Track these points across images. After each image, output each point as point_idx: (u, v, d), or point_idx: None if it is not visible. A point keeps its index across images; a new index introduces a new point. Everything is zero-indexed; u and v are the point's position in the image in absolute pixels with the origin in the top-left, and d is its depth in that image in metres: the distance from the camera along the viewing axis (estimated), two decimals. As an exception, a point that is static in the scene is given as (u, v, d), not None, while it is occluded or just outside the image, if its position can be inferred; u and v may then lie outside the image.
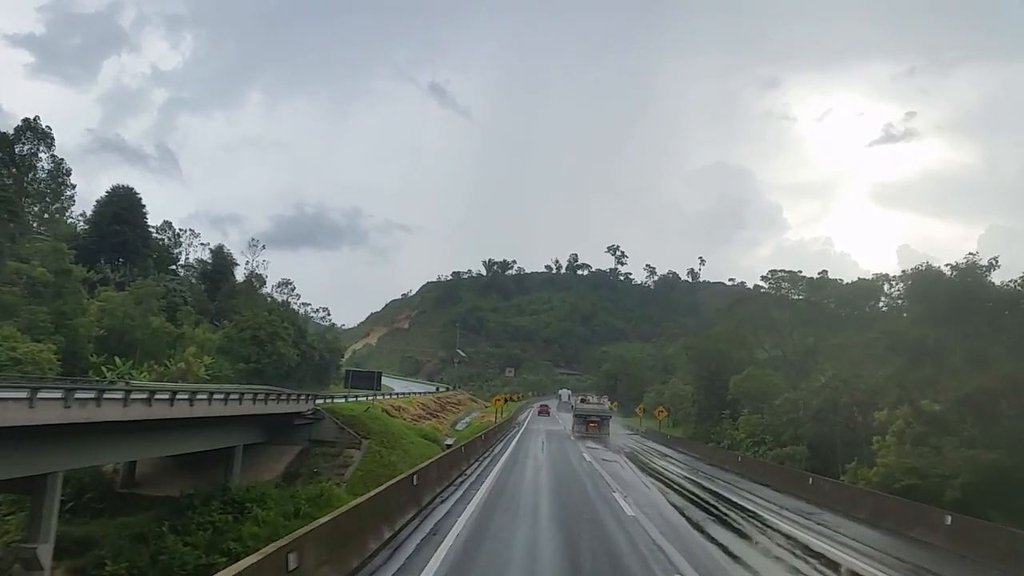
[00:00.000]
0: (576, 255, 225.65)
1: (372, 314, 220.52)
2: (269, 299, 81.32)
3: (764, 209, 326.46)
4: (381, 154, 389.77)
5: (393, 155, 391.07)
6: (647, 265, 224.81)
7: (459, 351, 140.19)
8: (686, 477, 26.67)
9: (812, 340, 39.77)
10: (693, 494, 21.70)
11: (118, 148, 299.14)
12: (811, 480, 23.04)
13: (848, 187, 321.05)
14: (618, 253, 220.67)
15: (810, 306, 43.41)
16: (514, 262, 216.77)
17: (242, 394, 31.72)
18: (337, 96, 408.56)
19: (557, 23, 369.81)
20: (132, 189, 74.46)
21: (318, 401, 45.19)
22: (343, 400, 48.90)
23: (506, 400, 63.36)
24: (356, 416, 44.75)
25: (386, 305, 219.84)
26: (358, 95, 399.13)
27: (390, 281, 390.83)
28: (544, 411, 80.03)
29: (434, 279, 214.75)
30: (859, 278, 42.26)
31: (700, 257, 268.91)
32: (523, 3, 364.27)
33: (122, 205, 69.94)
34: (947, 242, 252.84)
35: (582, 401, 51.05)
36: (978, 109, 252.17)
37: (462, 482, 20.69)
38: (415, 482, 15.63)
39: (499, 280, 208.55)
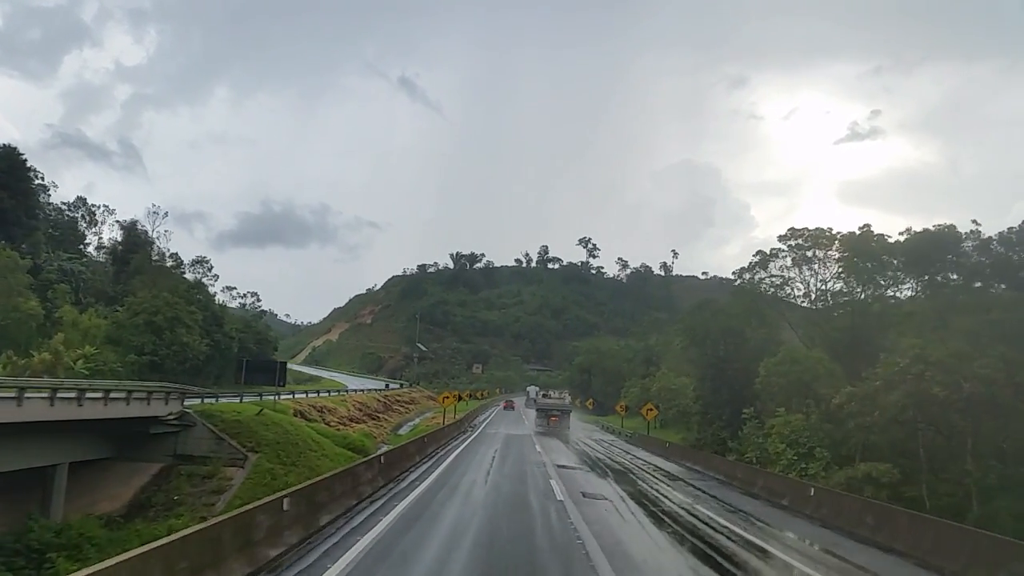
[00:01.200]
0: (547, 247, 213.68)
1: (335, 309, 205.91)
2: (187, 280, 67.22)
3: (732, 207, 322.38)
4: (350, 151, 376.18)
5: (362, 151, 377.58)
6: (619, 259, 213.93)
7: (419, 345, 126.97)
8: (757, 548, 13.85)
9: (877, 306, 28.01)
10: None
11: (80, 144, 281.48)
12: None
13: (815, 185, 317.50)
14: (590, 246, 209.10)
15: (853, 267, 31.50)
16: (482, 255, 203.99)
17: (55, 390, 21.11)
18: (305, 92, 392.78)
19: (527, 18, 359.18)
20: (14, 149, 60.30)
21: (190, 402, 32.70)
22: (238, 400, 36.04)
23: (461, 398, 50.89)
24: (243, 422, 31.92)
25: (350, 300, 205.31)
26: (326, 91, 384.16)
27: (359, 278, 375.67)
28: (509, 406, 75.46)
29: (400, 273, 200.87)
30: (925, 228, 30.40)
31: (673, 250, 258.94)
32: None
33: (-2, 167, 55.85)
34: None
35: (544, 396, 49.37)
36: (940, 108, 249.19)
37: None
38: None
39: (466, 273, 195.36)
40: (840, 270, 32.73)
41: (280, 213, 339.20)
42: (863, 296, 31.76)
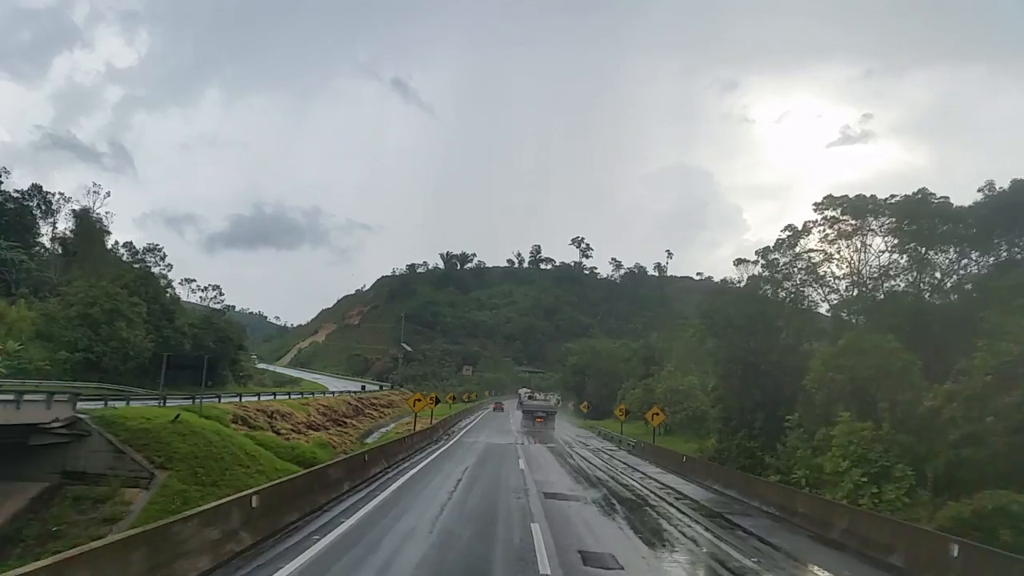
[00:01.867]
0: (539, 246, 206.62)
1: (324, 310, 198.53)
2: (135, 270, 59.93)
3: (724, 210, 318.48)
4: (342, 153, 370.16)
5: (355, 154, 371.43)
6: (613, 259, 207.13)
7: (404, 345, 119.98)
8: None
9: (969, 285, 21.50)
10: None
11: (70, 146, 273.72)
12: None
13: (807, 188, 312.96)
14: (583, 246, 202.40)
15: (913, 236, 24.91)
16: (473, 255, 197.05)
17: None
18: (297, 94, 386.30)
19: (518, 20, 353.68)
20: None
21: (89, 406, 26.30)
22: (159, 404, 29.15)
23: (439, 400, 43.93)
24: (152, 431, 25.28)
25: (338, 301, 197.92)
26: (318, 93, 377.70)
27: (351, 280, 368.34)
28: (498, 407, 74.41)
29: (389, 273, 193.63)
30: (1003, 189, 23.93)
31: (668, 250, 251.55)
32: (485, 1, 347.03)
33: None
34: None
35: (530, 398, 48.36)
36: (932, 111, 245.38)
37: None
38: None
39: (457, 273, 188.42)
40: (894, 241, 26.12)
41: (272, 215, 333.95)
42: (919, 276, 25.30)
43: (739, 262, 38.26)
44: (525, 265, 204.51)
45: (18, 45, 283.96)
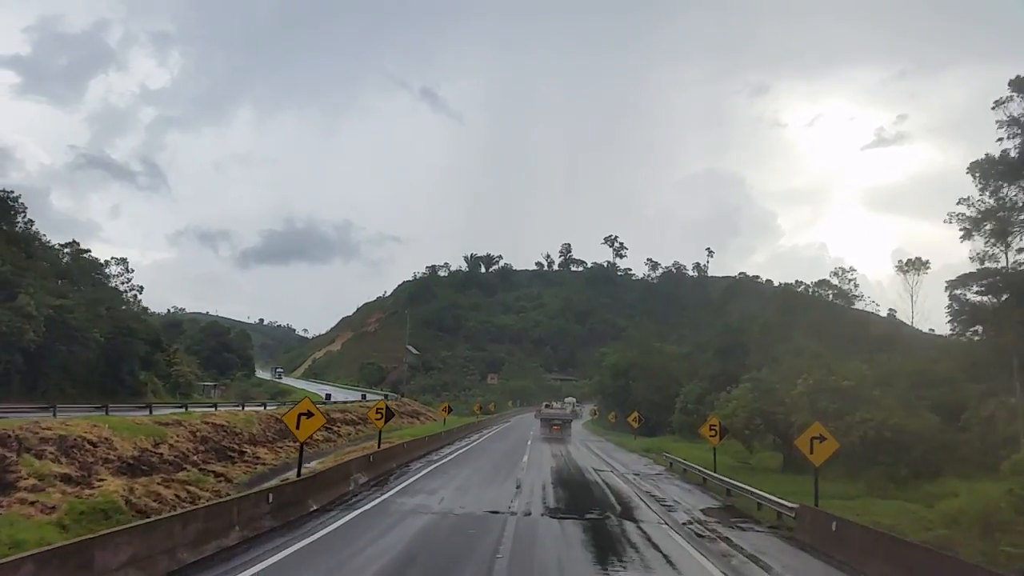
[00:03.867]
0: (569, 245, 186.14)
1: (343, 319, 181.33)
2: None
3: (758, 215, 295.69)
4: (372, 166, 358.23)
5: (385, 167, 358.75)
6: (648, 259, 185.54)
7: (410, 348, 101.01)
8: None
9: None
10: None
11: (105, 166, 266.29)
12: None
13: (841, 192, 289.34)
14: (616, 245, 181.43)
15: None
16: (499, 257, 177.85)
17: None
18: (327, 109, 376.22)
19: (548, 27, 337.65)
20: None
21: None
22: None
23: (392, 414, 25.11)
24: None
25: (358, 309, 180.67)
26: (348, 107, 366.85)
27: (376, 290, 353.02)
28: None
29: (410, 279, 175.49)
30: None
31: (708, 248, 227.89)
32: (513, 8, 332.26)
33: None
34: (940, 245, 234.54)
35: (547, 407, 47.51)
36: (967, 111, 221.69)
37: None
38: None
39: (481, 276, 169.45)
40: None
41: (303, 230, 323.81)
42: None
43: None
44: (555, 268, 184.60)
45: (56, 70, 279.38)
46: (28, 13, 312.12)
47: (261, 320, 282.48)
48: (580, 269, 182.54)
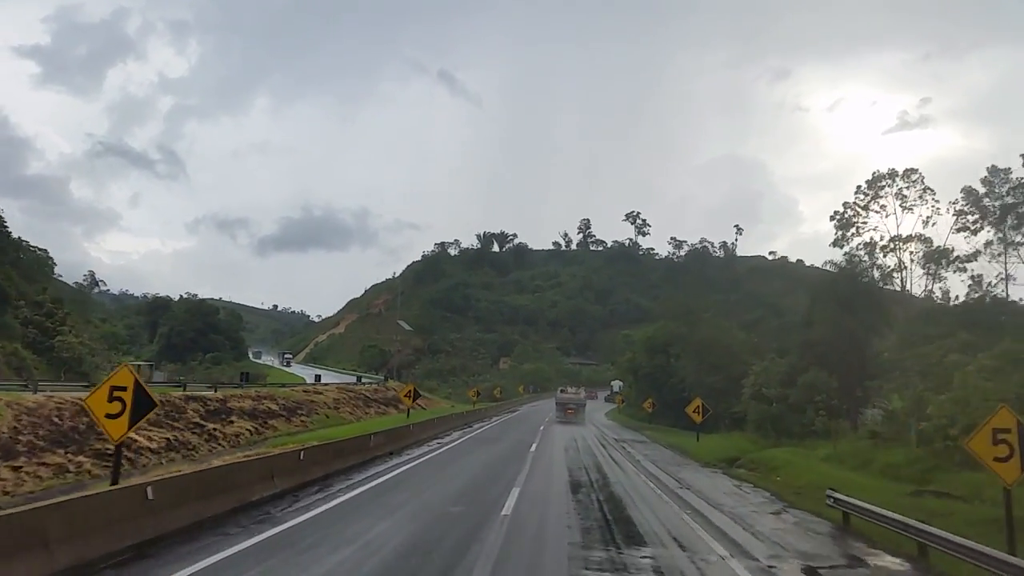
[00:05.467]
0: (588, 220, 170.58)
1: (351, 301, 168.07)
2: None
3: (779, 201, 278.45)
4: (390, 153, 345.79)
5: (402, 153, 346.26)
6: (672, 238, 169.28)
7: (401, 323, 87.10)
8: None
9: None
10: None
11: (124, 154, 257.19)
12: None
13: (864, 177, 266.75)
14: (638, 222, 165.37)
15: None
16: (514, 235, 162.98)
17: None
18: (344, 97, 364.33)
19: (568, 10, 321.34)
20: None
21: None
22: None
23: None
24: None
25: (366, 291, 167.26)
26: (366, 95, 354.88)
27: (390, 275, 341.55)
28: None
29: (419, 259, 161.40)
30: None
31: (736, 225, 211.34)
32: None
33: None
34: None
35: (562, 392, 47.57)
36: (992, 94, 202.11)
37: None
38: None
39: (493, 254, 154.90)
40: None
41: (321, 217, 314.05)
42: None
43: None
44: (573, 247, 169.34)
45: (75, 60, 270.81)
46: (48, 3, 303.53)
47: (275, 306, 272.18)
48: (600, 249, 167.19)
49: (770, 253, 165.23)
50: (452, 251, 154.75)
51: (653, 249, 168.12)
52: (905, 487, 17.05)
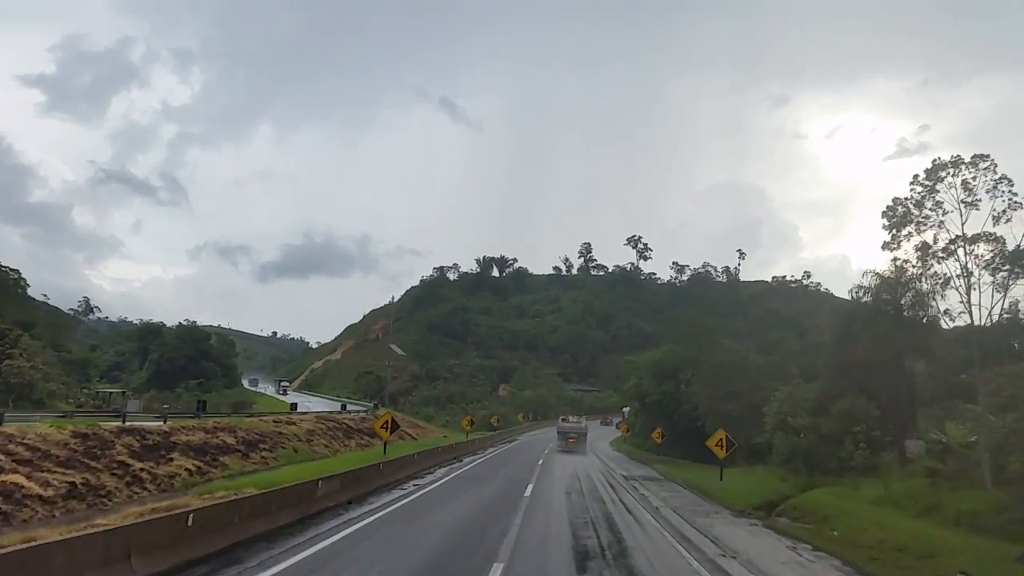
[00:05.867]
0: (589, 244, 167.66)
1: (348, 327, 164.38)
2: None
3: (778, 227, 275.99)
4: (392, 180, 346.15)
5: (404, 180, 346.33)
6: (674, 263, 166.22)
7: (393, 347, 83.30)
8: None
9: None
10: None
11: (127, 181, 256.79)
12: None
13: (863, 203, 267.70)
14: (640, 246, 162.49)
15: None
16: (514, 260, 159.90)
17: None
18: (347, 124, 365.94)
19: (568, 37, 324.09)
20: None
21: None
22: None
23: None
24: None
25: (364, 316, 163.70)
26: (368, 122, 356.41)
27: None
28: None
29: (417, 284, 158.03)
30: None
31: (739, 250, 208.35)
32: (533, 17, 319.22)
33: None
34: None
35: (563, 420, 47.62)
36: (991, 120, 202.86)
37: None
38: None
39: (493, 278, 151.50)
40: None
41: (322, 244, 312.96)
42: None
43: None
44: (574, 271, 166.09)
45: (80, 88, 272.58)
46: (54, 32, 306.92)
47: (274, 333, 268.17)
48: (601, 273, 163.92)
49: (773, 277, 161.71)
50: (451, 275, 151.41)
51: (655, 274, 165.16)
52: (999, 545, 13.34)
